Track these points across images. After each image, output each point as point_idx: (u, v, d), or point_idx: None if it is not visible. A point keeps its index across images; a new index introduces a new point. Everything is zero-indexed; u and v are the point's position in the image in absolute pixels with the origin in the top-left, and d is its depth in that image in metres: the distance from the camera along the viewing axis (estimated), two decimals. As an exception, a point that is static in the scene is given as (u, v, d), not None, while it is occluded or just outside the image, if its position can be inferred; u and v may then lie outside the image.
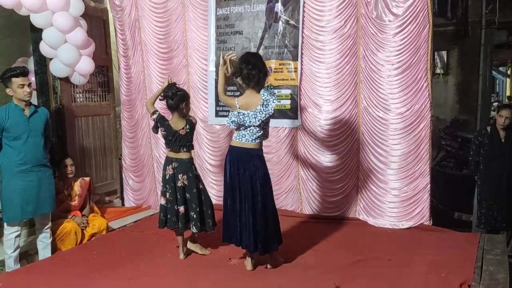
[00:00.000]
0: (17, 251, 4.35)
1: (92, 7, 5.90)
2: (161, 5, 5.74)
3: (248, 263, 3.94)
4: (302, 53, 5.12)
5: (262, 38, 5.34)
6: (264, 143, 5.33)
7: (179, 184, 4.17)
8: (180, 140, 4.18)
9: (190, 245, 4.36)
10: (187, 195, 4.19)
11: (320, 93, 5.10)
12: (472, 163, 5.33)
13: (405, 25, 4.61)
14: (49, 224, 4.51)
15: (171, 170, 4.18)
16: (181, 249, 4.29)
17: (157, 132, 4.32)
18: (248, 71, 3.76)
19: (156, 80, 5.85)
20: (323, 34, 5.00)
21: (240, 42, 5.47)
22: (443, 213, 5.92)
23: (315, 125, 5.17)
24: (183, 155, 4.21)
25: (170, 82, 4.27)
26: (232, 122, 3.83)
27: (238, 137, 3.87)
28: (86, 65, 5.40)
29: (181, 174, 4.17)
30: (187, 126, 4.20)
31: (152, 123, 4.34)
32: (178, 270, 4.00)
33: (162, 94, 4.22)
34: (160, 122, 4.19)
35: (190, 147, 4.26)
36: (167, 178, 4.19)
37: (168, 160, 4.23)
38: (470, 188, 5.59)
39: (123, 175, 6.37)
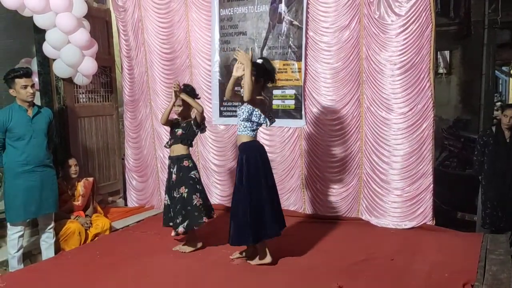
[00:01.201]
0: (21, 251, 4.35)
1: (95, 8, 5.90)
2: (164, 6, 5.75)
3: (256, 260, 4.01)
4: (306, 54, 5.13)
5: (266, 38, 5.35)
6: (268, 143, 5.40)
7: None
8: None
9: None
10: None
11: (324, 93, 5.11)
12: (476, 163, 5.31)
13: (407, 25, 4.62)
14: (52, 224, 4.52)
15: None
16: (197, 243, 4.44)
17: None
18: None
19: (160, 80, 5.87)
20: (327, 35, 5.01)
21: (244, 42, 5.48)
22: (446, 213, 5.91)
23: (318, 125, 5.18)
24: None
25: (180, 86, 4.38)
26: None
27: (255, 134, 3.99)
28: (89, 65, 5.41)
29: None
30: None
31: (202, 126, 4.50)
32: (181, 270, 4.00)
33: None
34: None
35: None
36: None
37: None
38: (473, 188, 5.59)
39: (126, 175, 6.38)
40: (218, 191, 5.87)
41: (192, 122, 4.39)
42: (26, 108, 4.24)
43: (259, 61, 3.96)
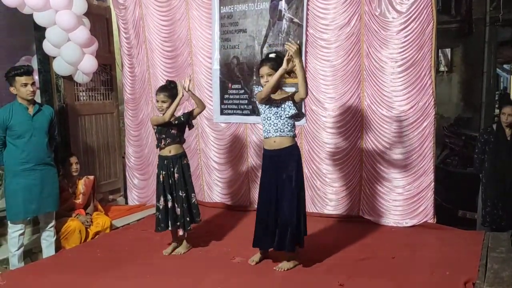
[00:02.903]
0: (21, 249, 4.35)
1: (95, 5, 5.90)
2: (165, 4, 5.73)
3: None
4: (306, 51, 5.12)
5: (266, 36, 5.33)
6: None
7: None
8: None
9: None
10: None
11: (324, 91, 5.10)
12: (477, 161, 5.30)
13: (408, 22, 4.60)
14: (53, 223, 4.51)
15: None
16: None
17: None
18: None
19: (162, 78, 5.83)
20: (327, 32, 4.99)
21: (244, 40, 5.47)
22: (447, 211, 5.90)
23: (318, 122, 5.17)
24: None
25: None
26: None
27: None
28: (89, 63, 5.40)
29: None
30: None
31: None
32: (182, 269, 4.00)
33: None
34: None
35: None
36: None
37: None
38: (474, 186, 5.57)
39: (127, 174, 6.37)
40: (219, 189, 5.87)
41: (182, 117, 4.29)
42: (27, 106, 4.24)
43: (272, 55, 3.83)
